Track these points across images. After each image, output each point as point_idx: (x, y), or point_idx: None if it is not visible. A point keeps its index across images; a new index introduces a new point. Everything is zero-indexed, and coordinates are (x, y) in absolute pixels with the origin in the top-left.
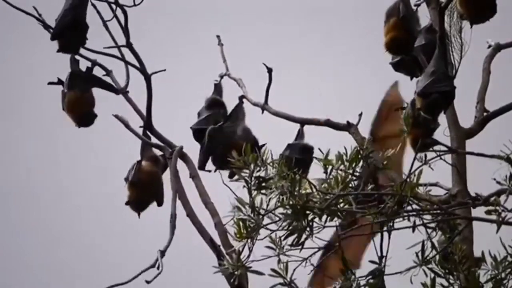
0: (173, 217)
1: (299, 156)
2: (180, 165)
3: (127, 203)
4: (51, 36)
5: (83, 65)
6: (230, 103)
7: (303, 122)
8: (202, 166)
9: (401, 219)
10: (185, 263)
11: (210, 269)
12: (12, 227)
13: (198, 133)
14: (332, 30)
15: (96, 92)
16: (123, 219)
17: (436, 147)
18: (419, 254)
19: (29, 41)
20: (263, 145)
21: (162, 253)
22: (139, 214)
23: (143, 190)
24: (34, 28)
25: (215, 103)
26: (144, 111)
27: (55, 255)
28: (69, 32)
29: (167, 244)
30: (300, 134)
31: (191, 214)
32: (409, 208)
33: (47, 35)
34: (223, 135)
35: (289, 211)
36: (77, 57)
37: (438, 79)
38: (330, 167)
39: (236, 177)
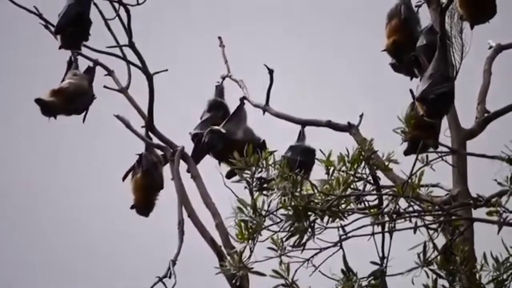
0: (181, 223)
1: (301, 158)
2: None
3: (140, 206)
4: (54, 30)
5: (85, 64)
6: (231, 104)
7: (304, 123)
8: (197, 160)
9: (402, 220)
10: (186, 264)
11: (210, 270)
12: (12, 227)
13: (196, 138)
14: (333, 31)
15: (97, 92)
16: (123, 219)
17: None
18: (421, 255)
19: (30, 41)
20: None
21: (174, 262)
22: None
23: (155, 195)
24: (35, 28)
25: (215, 105)
26: (145, 111)
27: (55, 255)
28: (73, 28)
29: (177, 252)
30: (301, 135)
31: (192, 215)
32: (410, 209)
33: (48, 34)
34: (222, 136)
35: (290, 212)
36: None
37: (436, 82)
38: (332, 168)
39: (237, 177)
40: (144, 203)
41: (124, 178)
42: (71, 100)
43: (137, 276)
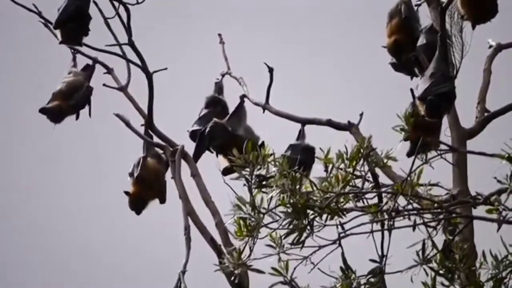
0: (187, 229)
1: (301, 156)
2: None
3: (130, 200)
4: (53, 25)
5: (84, 62)
6: (231, 102)
7: (304, 121)
8: (197, 158)
9: (401, 218)
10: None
11: (210, 270)
12: (12, 227)
13: (195, 135)
14: (333, 30)
15: (97, 91)
16: (123, 219)
17: None
18: (420, 253)
19: (30, 40)
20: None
21: (183, 272)
22: (138, 213)
23: (147, 187)
24: (34, 27)
25: (213, 101)
26: (145, 110)
27: (55, 255)
28: (72, 23)
29: (185, 261)
30: (301, 134)
31: (192, 213)
32: (409, 207)
33: (48, 33)
34: (225, 129)
35: (289, 210)
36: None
37: (437, 81)
38: (331, 165)
39: (236, 174)
40: (136, 196)
41: None
42: (69, 97)
43: (137, 276)
